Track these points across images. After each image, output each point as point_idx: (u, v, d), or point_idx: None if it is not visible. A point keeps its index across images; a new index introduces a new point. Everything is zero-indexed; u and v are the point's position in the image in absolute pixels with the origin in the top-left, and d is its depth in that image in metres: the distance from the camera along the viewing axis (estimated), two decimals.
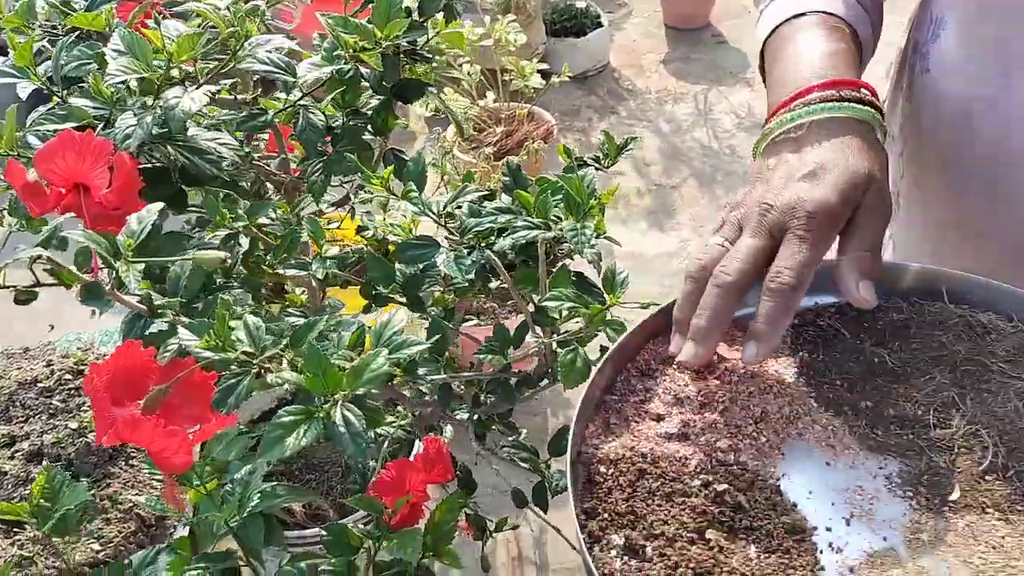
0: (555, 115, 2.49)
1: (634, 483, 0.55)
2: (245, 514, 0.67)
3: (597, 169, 0.79)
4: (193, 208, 0.81)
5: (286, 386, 0.59)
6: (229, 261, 0.72)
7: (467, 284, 0.72)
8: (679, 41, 3.13)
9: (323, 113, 0.79)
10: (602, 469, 0.56)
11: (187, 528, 0.70)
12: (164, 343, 0.64)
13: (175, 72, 0.73)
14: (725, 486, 0.54)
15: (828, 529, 0.53)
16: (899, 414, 0.58)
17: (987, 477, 0.54)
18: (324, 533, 0.69)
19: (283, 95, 0.79)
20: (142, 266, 0.64)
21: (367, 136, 0.83)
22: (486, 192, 0.80)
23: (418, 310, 0.78)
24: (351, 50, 0.76)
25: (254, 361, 0.63)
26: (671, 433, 0.58)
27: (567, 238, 0.67)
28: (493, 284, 0.75)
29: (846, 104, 0.63)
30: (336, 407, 0.59)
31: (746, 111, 2.80)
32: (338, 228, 0.96)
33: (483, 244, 0.71)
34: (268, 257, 0.78)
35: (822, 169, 0.59)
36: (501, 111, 2.34)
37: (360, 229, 0.81)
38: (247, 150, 0.83)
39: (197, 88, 0.73)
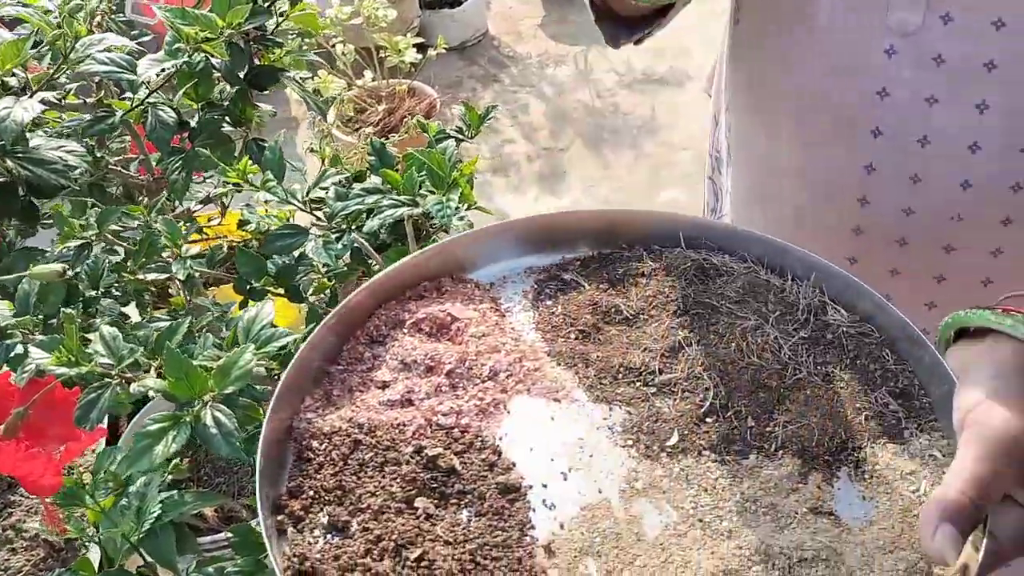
0: (438, 89, 2.45)
1: (347, 456, 0.52)
2: (147, 527, 0.65)
3: (459, 141, 0.77)
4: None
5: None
6: (69, 273, 0.71)
7: (345, 268, 0.71)
8: (555, 4, 3.13)
9: (174, 109, 0.77)
10: (315, 444, 0.52)
11: (94, 548, 0.67)
12: (20, 365, 0.63)
13: (12, 81, 0.71)
14: (439, 450, 0.51)
15: (544, 486, 0.50)
16: (627, 363, 0.56)
17: (707, 420, 0.53)
18: (232, 536, 0.66)
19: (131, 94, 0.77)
20: None
21: (226, 128, 0.81)
22: (356, 173, 0.78)
23: (297, 300, 0.77)
24: (193, 42, 0.74)
25: (113, 372, 0.62)
26: (394, 400, 0.55)
27: (433, 212, 0.66)
28: (377, 266, 0.72)
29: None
30: (205, 409, 0.57)
31: (626, 68, 2.82)
32: (219, 224, 0.94)
33: (353, 227, 0.70)
34: (128, 263, 0.76)
35: None
36: (381, 89, 2.28)
37: (242, 223, 0.80)
38: (99, 155, 0.81)
39: (31, 96, 0.71)
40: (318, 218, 0.70)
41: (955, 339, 0.51)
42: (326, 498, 0.50)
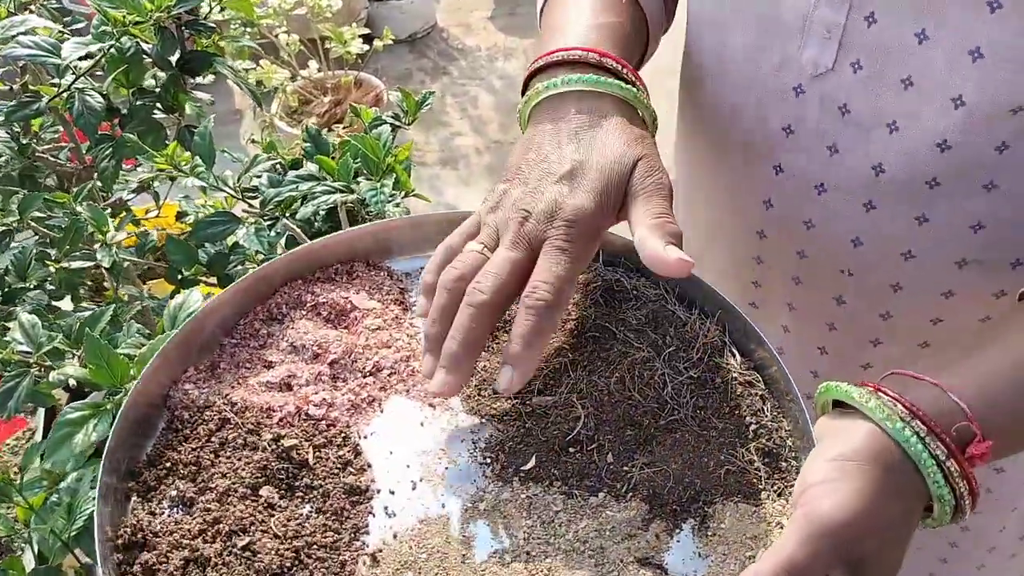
0: (385, 81, 2.40)
1: (213, 433, 0.53)
2: (78, 525, 0.64)
3: (395, 127, 0.77)
4: None
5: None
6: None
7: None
8: None
9: (103, 95, 0.76)
10: (186, 416, 0.54)
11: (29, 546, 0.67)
12: None
13: None
14: (295, 442, 0.52)
15: (392, 492, 0.51)
16: None
17: (570, 449, 0.52)
18: None
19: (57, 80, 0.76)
20: None
21: (159, 116, 0.80)
22: (292, 161, 0.78)
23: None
24: (121, 25, 0.73)
25: (32, 360, 0.62)
26: (273, 383, 0.56)
27: (367, 199, 0.66)
28: None
29: (603, 80, 0.55)
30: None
31: None
32: (157, 217, 0.95)
33: (286, 215, 0.70)
34: (53, 252, 0.76)
35: (580, 169, 0.53)
36: (327, 81, 2.25)
37: (180, 215, 0.81)
38: (25, 142, 0.80)
39: None
40: (251, 206, 0.70)
41: (834, 406, 0.49)
42: (181, 472, 0.51)
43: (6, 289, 0.68)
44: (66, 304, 0.78)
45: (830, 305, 0.65)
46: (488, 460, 0.52)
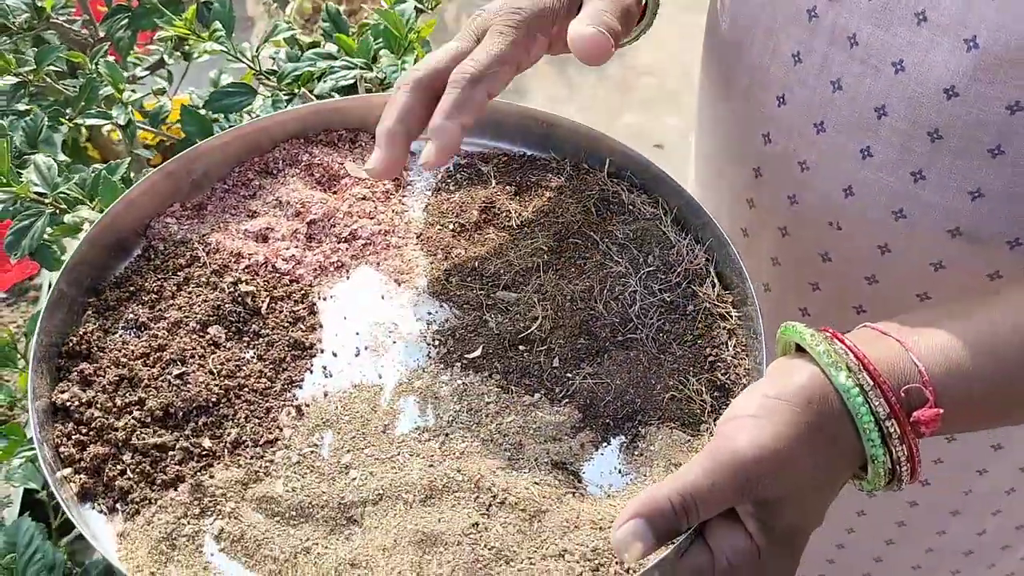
0: None
1: (181, 268, 0.54)
2: None
3: (419, 11, 0.75)
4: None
5: None
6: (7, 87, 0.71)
7: None
8: None
9: None
10: (160, 247, 0.55)
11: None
12: None
13: None
14: (251, 289, 0.52)
15: (335, 354, 0.51)
16: (482, 269, 0.55)
17: (520, 347, 0.51)
18: None
19: None
20: None
21: None
22: (310, 42, 0.77)
23: None
24: None
25: (47, 201, 0.61)
26: (251, 232, 0.56)
27: (387, 75, 0.65)
28: None
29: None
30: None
31: None
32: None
33: (302, 89, 0.69)
34: (68, 110, 0.75)
35: None
36: None
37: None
38: (40, 5, 0.80)
39: None
40: (268, 80, 0.68)
41: (796, 350, 0.46)
42: (142, 298, 0.53)
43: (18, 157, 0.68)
44: None
45: (815, 262, 0.60)
46: (436, 343, 0.52)
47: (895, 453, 0.41)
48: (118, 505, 0.44)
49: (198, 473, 0.45)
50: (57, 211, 0.63)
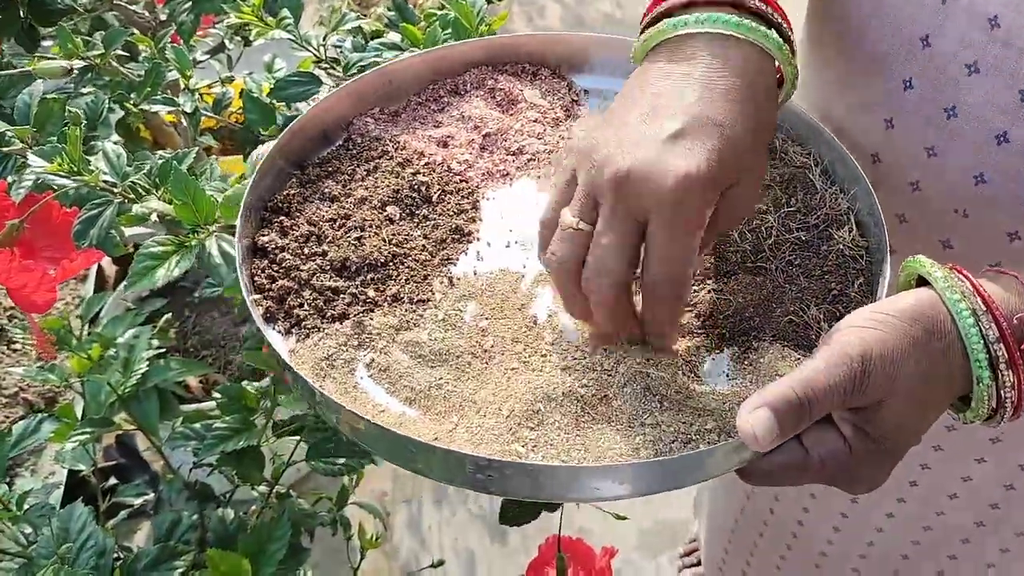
0: None
1: (373, 158, 0.62)
2: (133, 381, 0.65)
3: (490, 2, 0.75)
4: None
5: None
6: (75, 71, 0.69)
7: None
8: None
9: None
10: (359, 140, 0.64)
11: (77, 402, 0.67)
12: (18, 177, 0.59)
13: None
14: (427, 180, 0.60)
15: (488, 244, 0.58)
16: None
17: None
18: (219, 396, 0.68)
19: None
20: None
21: None
22: (373, 31, 0.77)
23: None
24: None
25: (116, 190, 0.58)
26: (435, 137, 0.64)
27: None
28: None
29: (746, 23, 0.47)
30: (211, 238, 0.55)
31: None
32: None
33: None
34: (132, 96, 0.72)
35: (695, 130, 0.44)
36: None
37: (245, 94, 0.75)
38: None
39: None
40: (332, 71, 0.67)
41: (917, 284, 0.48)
42: (337, 177, 0.61)
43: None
44: None
45: (936, 249, 0.60)
46: None
47: (1001, 378, 0.42)
48: (293, 329, 0.53)
49: (361, 315, 0.53)
50: (126, 200, 0.60)
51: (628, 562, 1.49)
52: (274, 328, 0.53)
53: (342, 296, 0.54)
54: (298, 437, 0.72)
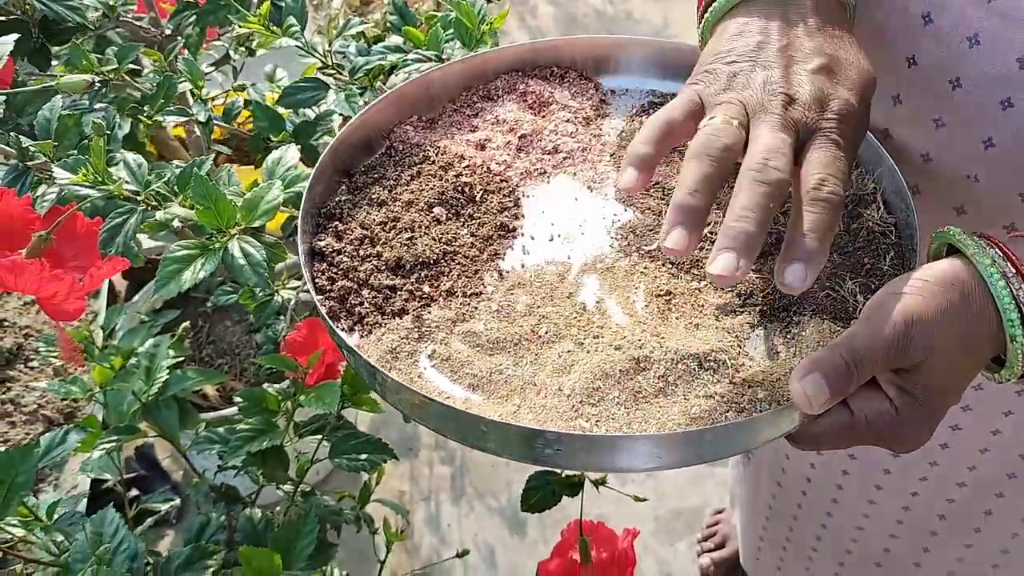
0: None
1: (415, 163, 0.65)
2: (155, 389, 0.66)
3: (490, 1, 0.77)
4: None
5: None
6: (97, 84, 0.71)
7: None
8: None
9: None
10: (400, 147, 0.67)
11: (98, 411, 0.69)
12: (42, 191, 0.61)
13: None
14: (470, 181, 0.63)
15: (533, 238, 0.61)
16: (665, 182, 0.62)
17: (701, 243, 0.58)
18: (240, 400, 0.69)
19: None
20: None
21: None
22: (375, 37, 0.80)
23: (314, 160, 0.72)
24: None
25: (139, 198, 0.60)
26: (472, 141, 0.67)
27: None
28: None
29: None
30: (233, 240, 0.57)
31: None
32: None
33: (374, 84, 0.69)
34: (145, 108, 0.74)
35: (836, 64, 0.49)
36: None
37: (249, 104, 0.78)
38: (113, 3, 0.80)
39: None
40: (338, 76, 0.68)
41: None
42: (384, 183, 0.64)
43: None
44: None
45: (951, 215, 0.62)
46: (619, 236, 0.60)
47: None
48: (356, 326, 0.56)
49: (419, 309, 0.56)
50: (148, 208, 0.62)
51: (647, 548, 1.51)
52: (337, 326, 0.56)
53: (399, 293, 0.57)
54: (320, 436, 0.75)
